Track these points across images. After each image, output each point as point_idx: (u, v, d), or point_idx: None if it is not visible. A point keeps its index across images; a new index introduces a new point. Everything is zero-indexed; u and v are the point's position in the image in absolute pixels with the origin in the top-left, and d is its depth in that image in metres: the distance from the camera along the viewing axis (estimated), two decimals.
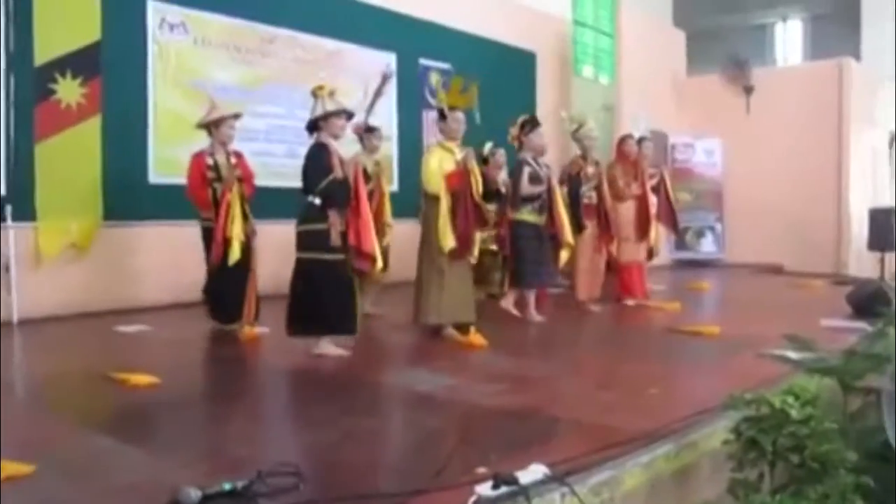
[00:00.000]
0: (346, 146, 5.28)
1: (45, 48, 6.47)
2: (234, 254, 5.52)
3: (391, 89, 9.14)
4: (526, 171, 6.32)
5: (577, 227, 6.65)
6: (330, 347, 4.80)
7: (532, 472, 2.48)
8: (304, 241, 4.77)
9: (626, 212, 7.47)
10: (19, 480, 2.54)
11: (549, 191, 6.38)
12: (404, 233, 6.87)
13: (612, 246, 7.13)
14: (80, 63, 6.64)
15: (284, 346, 4.99)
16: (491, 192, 6.62)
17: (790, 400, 2.77)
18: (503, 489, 2.36)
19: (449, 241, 5.37)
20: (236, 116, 5.97)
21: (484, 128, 7.12)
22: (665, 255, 12.44)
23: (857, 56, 13.37)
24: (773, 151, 12.34)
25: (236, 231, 5.54)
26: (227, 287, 5.70)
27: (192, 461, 2.84)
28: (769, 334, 5.22)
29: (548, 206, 6.36)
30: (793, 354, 3.64)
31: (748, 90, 12.83)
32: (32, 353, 5.51)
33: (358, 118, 6.55)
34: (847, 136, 12.15)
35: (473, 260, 5.68)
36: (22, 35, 6.31)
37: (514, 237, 6.39)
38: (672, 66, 13.51)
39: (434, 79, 9.85)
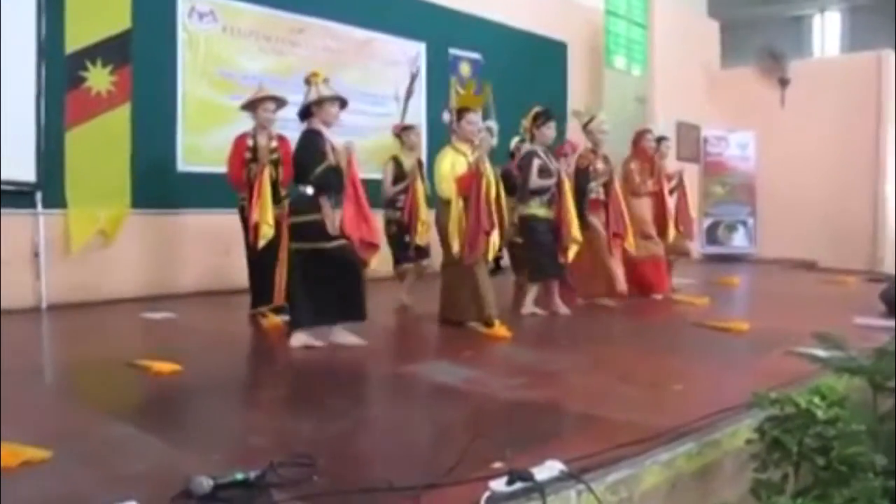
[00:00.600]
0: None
1: (76, 36, 6.54)
2: (263, 236, 5.52)
3: (420, 77, 9.13)
4: (536, 163, 6.11)
5: (583, 223, 6.40)
6: (348, 336, 4.78)
7: (548, 469, 2.43)
8: (301, 232, 4.66)
9: (640, 208, 7.33)
10: (35, 465, 2.55)
11: (559, 184, 6.14)
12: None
13: (624, 243, 6.80)
14: (111, 51, 6.70)
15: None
16: (515, 187, 6.55)
17: (816, 400, 2.69)
18: (518, 485, 2.32)
19: (455, 244, 5.33)
20: (277, 102, 5.89)
21: (513, 120, 7.05)
22: (695, 249, 12.30)
23: None
24: (808, 145, 12.10)
25: (263, 214, 5.54)
26: (257, 271, 5.80)
27: (207, 450, 2.82)
28: (800, 331, 5.10)
29: (557, 200, 6.13)
30: (821, 353, 3.54)
31: (783, 82, 12.57)
32: (59, 338, 5.58)
33: (395, 118, 6.61)
34: (885, 129, 11.86)
35: (486, 261, 5.56)
36: (53, 23, 6.36)
37: (527, 232, 6.21)
38: (705, 57, 13.30)
39: (462, 67, 9.81)
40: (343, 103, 4.82)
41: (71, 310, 6.30)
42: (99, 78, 6.65)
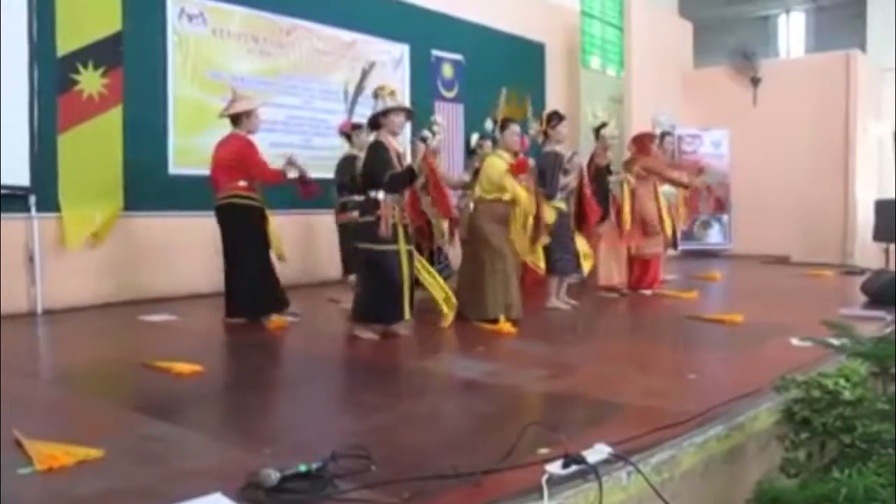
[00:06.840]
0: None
1: (68, 39, 6.49)
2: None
3: (404, 78, 9.23)
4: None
5: (602, 217, 6.88)
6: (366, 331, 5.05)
7: (597, 452, 2.54)
8: (364, 233, 5.04)
9: (646, 205, 7.49)
10: (92, 464, 2.58)
11: (579, 179, 6.53)
12: None
13: (633, 239, 7.21)
14: (102, 54, 6.67)
15: (315, 334, 5.02)
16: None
17: (843, 382, 2.84)
18: (573, 468, 2.42)
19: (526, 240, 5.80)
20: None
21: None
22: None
23: (863, 48, 13.42)
24: (779, 143, 12.39)
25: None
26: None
27: (254, 445, 2.87)
28: (792, 322, 5.31)
29: (577, 194, 6.52)
30: (833, 340, 3.70)
31: (755, 81, 12.87)
32: (65, 342, 5.54)
33: (343, 116, 6.65)
34: (854, 127, 12.20)
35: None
36: (44, 26, 6.31)
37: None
38: (680, 57, 13.54)
39: (445, 69, 9.93)
40: (409, 114, 5.26)
41: (67, 314, 6.26)
42: (91, 80, 6.62)
